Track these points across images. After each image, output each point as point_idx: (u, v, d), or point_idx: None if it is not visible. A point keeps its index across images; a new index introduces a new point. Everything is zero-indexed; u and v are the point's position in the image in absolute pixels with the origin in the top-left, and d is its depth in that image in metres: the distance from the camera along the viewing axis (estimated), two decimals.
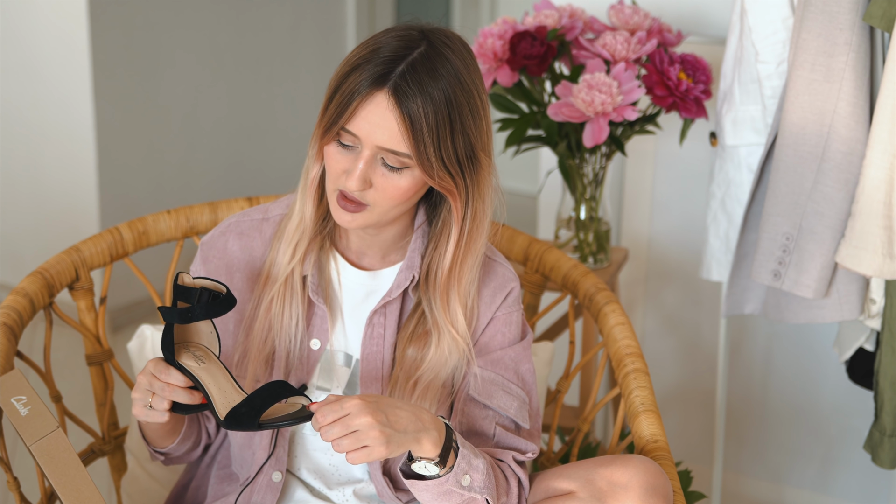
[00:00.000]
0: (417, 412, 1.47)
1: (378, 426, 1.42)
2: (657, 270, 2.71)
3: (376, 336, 1.61)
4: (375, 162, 1.49)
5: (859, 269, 1.88)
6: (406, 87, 1.46)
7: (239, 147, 3.89)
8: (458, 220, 1.55)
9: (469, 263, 1.58)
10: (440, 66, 1.48)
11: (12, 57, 3.45)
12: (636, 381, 1.73)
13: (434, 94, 1.47)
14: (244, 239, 1.65)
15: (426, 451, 1.47)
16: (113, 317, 3.45)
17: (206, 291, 1.48)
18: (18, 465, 2.56)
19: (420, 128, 1.46)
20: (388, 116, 1.46)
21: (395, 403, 1.46)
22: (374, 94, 1.46)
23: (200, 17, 3.65)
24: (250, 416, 1.45)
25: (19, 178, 3.56)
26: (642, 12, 2.23)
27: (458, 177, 1.51)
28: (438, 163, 1.48)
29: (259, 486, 1.63)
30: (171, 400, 1.48)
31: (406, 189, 1.51)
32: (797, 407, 2.65)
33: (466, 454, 1.50)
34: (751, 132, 2.14)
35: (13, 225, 3.61)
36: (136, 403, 1.50)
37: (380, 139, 1.47)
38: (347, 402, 1.43)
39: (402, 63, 1.47)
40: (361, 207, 1.51)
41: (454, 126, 1.48)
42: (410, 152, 1.47)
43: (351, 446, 1.42)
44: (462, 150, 1.50)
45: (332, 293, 1.64)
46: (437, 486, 1.50)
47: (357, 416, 1.42)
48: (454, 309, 1.59)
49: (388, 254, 1.63)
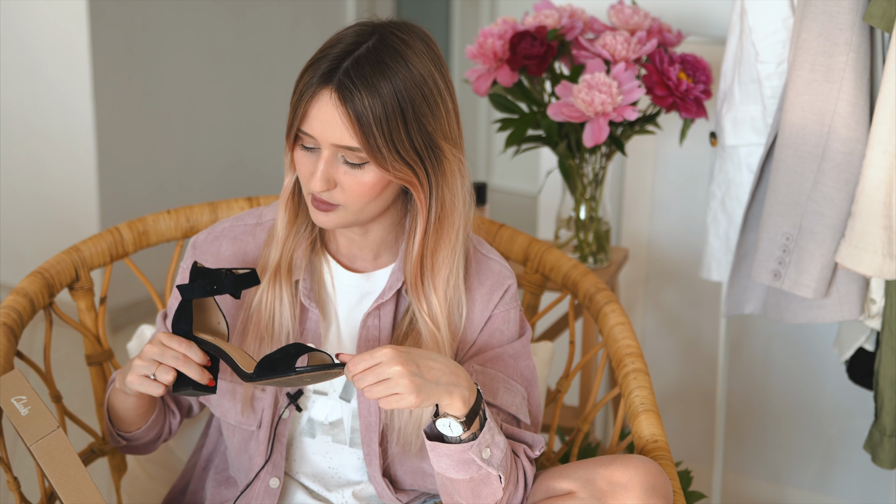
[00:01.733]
0: (453, 367, 1.47)
1: (408, 375, 1.42)
2: (657, 270, 2.71)
3: (371, 339, 1.61)
4: (336, 161, 1.49)
5: (859, 269, 1.88)
6: (349, 83, 1.45)
7: (239, 147, 3.89)
8: (422, 210, 1.53)
9: (443, 254, 1.56)
10: (388, 59, 1.47)
11: (12, 57, 3.45)
12: (636, 381, 1.73)
13: (380, 88, 1.46)
14: (237, 244, 1.65)
15: (455, 408, 1.46)
16: (113, 317, 3.45)
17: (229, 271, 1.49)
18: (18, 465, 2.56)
19: (367, 122, 1.45)
20: (335, 114, 1.46)
21: (429, 355, 1.46)
22: (320, 93, 1.47)
23: (200, 18, 3.65)
24: (285, 362, 1.44)
25: (19, 178, 3.56)
26: (642, 12, 2.23)
27: (419, 167, 1.50)
28: (392, 155, 1.47)
29: (257, 492, 1.63)
30: (175, 374, 1.48)
31: (371, 185, 1.50)
32: (797, 407, 2.65)
33: (492, 427, 1.50)
34: (751, 132, 2.14)
35: (13, 225, 3.61)
36: (137, 370, 1.49)
37: (332, 137, 1.47)
38: (379, 351, 1.43)
39: (348, 59, 1.47)
40: (333, 207, 1.51)
41: (406, 117, 1.47)
42: (361, 147, 1.47)
43: (382, 393, 1.42)
44: (419, 140, 1.49)
45: (326, 297, 1.63)
46: (459, 452, 1.48)
47: (388, 364, 1.42)
48: (431, 302, 1.57)
49: (379, 255, 1.63)
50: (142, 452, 1.74)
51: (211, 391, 1.50)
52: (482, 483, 1.51)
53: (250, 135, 3.92)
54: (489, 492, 1.52)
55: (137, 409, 1.61)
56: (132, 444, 1.69)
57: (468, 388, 1.47)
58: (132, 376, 1.49)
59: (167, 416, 1.70)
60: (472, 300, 1.63)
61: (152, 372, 1.48)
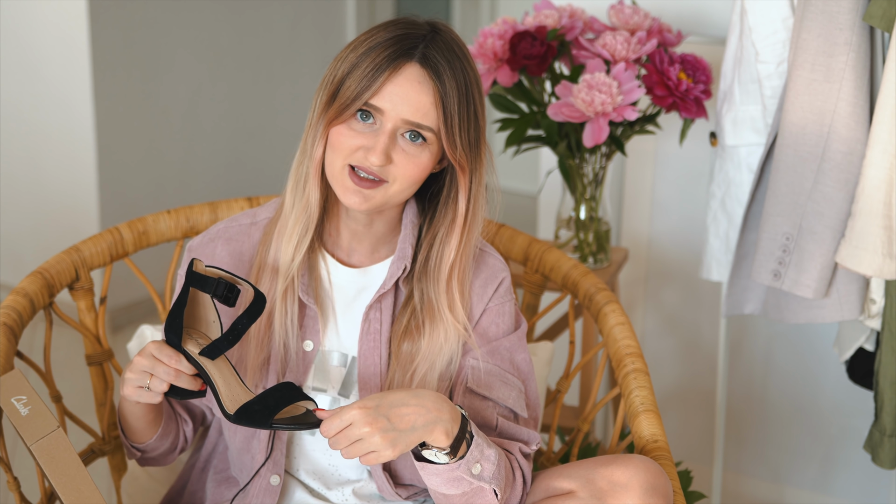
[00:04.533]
0: (430, 403, 1.46)
1: (379, 432, 1.42)
2: (657, 270, 2.71)
3: (373, 332, 1.61)
4: (395, 138, 1.50)
5: (859, 269, 1.88)
6: (435, 58, 1.49)
7: (239, 147, 3.89)
8: (465, 197, 1.56)
9: (469, 250, 1.59)
10: (454, 46, 1.52)
11: (12, 57, 3.45)
12: (636, 381, 1.73)
13: (455, 69, 1.50)
14: (232, 244, 1.65)
15: (438, 441, 1.47)
16: (113, 317, 3.45)
17: (222, 283, 1.48)
18: (18, 465, 2.56)
19: (451, 99, 1.49)
20: (419, 88, 1.48)
21: (400, 401, 1.46)
22: (403, 67, 1.48)
23: (200, 17, 3.65)
24: (263, 415, 1.45)
25: (19, 178, 3.56)
26: (642, 12, 2.23)
27: (469, 154, 1.54)
28: (460, 137, 1.50)
29: (257, 489, 1.63)
30: (170, 384, 1.48)
31: (424, 166, 1.52)
32: (797, 407, 2.65)
33: (480, 443, 1.50)
34: (751, 132, 2.14)
35: (13, 225, 3.61)
36: (130, 383, 1.49)
37: (407, 112, 1.48)
38: (346, 414, 1.43)
39: (422, 39, 1.49)
40: (377, 185, 1.51)
41: (470, 104, 1.52)
42: (437, 125, 1.49)
43: (358, 452, 1.43)
44: (473, 133, 1.53)
45: (323, 293, 1.63)
46: (447, 471, 1.49)
47: (357, 426, 1.42)
48: (453, 295, 1.59)
49: (377, 249, 1.63)
50: (161, 464, 1.73)
51: (203, 394, 1.51)
52: (476, 495, 1.52)
53: (250, 134, 3.92)
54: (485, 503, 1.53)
55: (146, 417, 1.61)
56: (147, 455, 1.69)
57: (451, 420, 1.47)
58: (127, 389, 1.50)
59: (180, 425, 1.70)
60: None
61: (146, 384, 1.49)
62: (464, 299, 1.60)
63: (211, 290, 1.48)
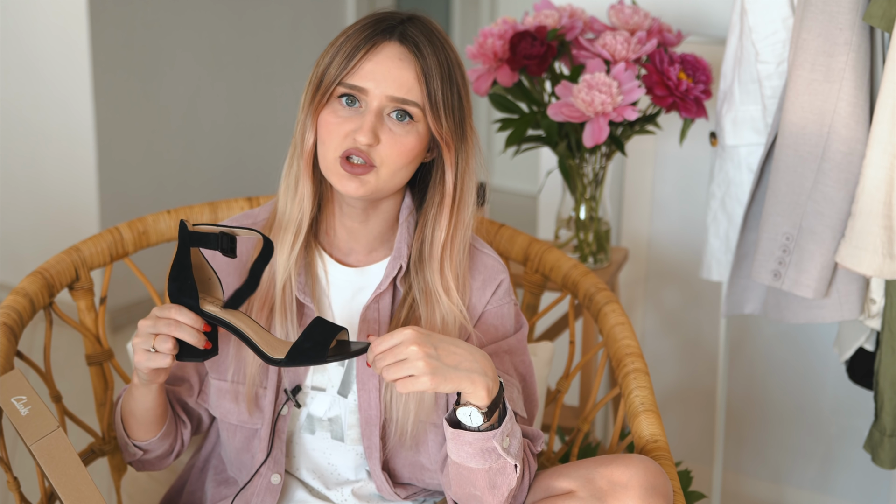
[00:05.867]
0: (477, 355, 1.46)
1: (424, 356, 1.41)
2: (657, 270, 2.71)
3: (371, 331, 1.61)
4: (382, 118, 1.51)
5: (859, 269, 1.88)
6: (414, 34, 1.50)
7: (238, 147, 3.89)
8: (451, 174, 1.56)
9: (460, 234, 1.59)
10: (434, 31, 1.53)
11: (12, 57, 3.45)
12: (636, 380, 1.73)
13: (435, 47, 1.51)
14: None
15: (478, 397, 1.45)
16: (113, 317, 3.45)
17: (226, 236, 1.46)
18: (18, 465, 2.56)
19: (431, 75, 1.49)
20: (399, 64, 1.49)
21: (451, 340, 1.46)
22: (382, 44, 1.49)
23: (200, 17, 3.65)
24: (317, 351, 1.44)
25: (19, 178, 3.56)
26: (642, 12, 2.23)
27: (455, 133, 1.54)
28: (444, 113, 1.51)
29: (258, 488, 1.63)
30: (174, 341, 1.46)
31: (412, 147, 1.52)
32: (797, 407, 2.65)
33: (512, 417, 1.50)
34: (751, 132, 2.14)
35: (13, 225, 3.61)
36: (138, 349, 1.47)
37: (390, 88, 1.49)
38: (401, 331, 1.42)
39: (400, 22, 1.51)
40: (368, 169, 1.51)
41: (453, 81, 1.52)
42: (421, 100, 1.50)
43: (398, 374, 1.41)
44: (458, 112, 1.53)
45: (321, 292, 1.63)
46: (482, 440, 1.47)
47: (406, 343, 1.41)
48: (447, 277, 1.59)
49: (374, 249, 1.63)
50: (157, 467, 1.72)
51: (214, 353, 1.49)
52: (499, 473, 1.51)
53: (250, 134, 3.92)
54: (505, 481, 1.52)
55: (155, 410, 1.60)
56: (147, 455, 1.68)
57: (493, 378, 1.46)
58: (137, 356, 1.48)
59: (178, 427, 1.70)
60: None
61: (151, 345, 1.46)
62: (458, 283, 1.60)
63: (217, 245, 1.46)
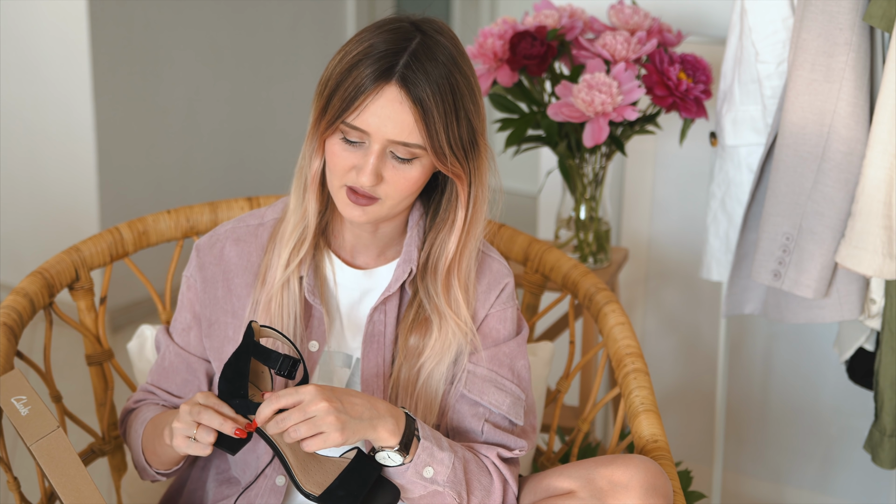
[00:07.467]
0: (372, 400, 1.48)
1: (334, 412, 1.43)
2: (657, 270, 2.71)
3: (377, 334, 1.61)
4: (385, 155, 1.50)
5: (859, 269, 1.88)
6: (413, 77, 1.47)
7: (239, 147, 3.89)
8: (464, 204, 1.56)
9: (469, 249, 1.59)
10: (439, 54, 1.49)
11: (12, 57, 3.45)
12: (636, 381, 1.73)
13: (439, 82, 1.48)
14: (241, 245, 1.65)
15: (383, 440, 1.48)
16: (113, 317, 3.45)
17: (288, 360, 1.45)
18: (18, 465, 2.56)
19: (432, 116, 1.47)
20: (399, 109, 1.47)
21: (350, 392, 1.48)
22: (382, 88, 1.47)
23: (200, 17, 3.65)
24: (348, 500, 1.47)
25: (19, 178, 3.56)
26: (642, 12, 2.23)
27: (465, 162, 1.53)
28: (449, 150, 1.50)
29: (262, 489, 1.63)
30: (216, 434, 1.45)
31: (416, 179, 1.51)
32: (797, 407, 2.65)
33: (428, 446, 1.51)
34: (751, 132, 2.14)
35: (13, 225, 3.61)
36: (178, 434, 1.46)
37: (391, 132, 1.47)
38: (303, 389, 1.43)
39: (403, 55, 1.47)
40: (373, 201, 1.51)
41: (458, 112, 1.50)
42: (423, 142, 1.48)
43: (307, 433, 1.43)
44: (466, 135, 1.52)
45: (329, 293, 1.63)
46: (397, 475, 1.51)
47: (313, 402, 1.42)
48: (455, 295, 1.59)
49: (383, 252, 1.63)
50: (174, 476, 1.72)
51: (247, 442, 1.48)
52: (436, 497, 1.53)
53: (250, 135, 3.92)
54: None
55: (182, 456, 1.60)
56: (168, 477, 1.68)
57: (392, 417, 1.48)
58: (177, 440, 1.47)
59: None
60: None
61: (192, 433, 1.45)
62: (466, 297, 1.60)
63: (276, 366, 1.46)
